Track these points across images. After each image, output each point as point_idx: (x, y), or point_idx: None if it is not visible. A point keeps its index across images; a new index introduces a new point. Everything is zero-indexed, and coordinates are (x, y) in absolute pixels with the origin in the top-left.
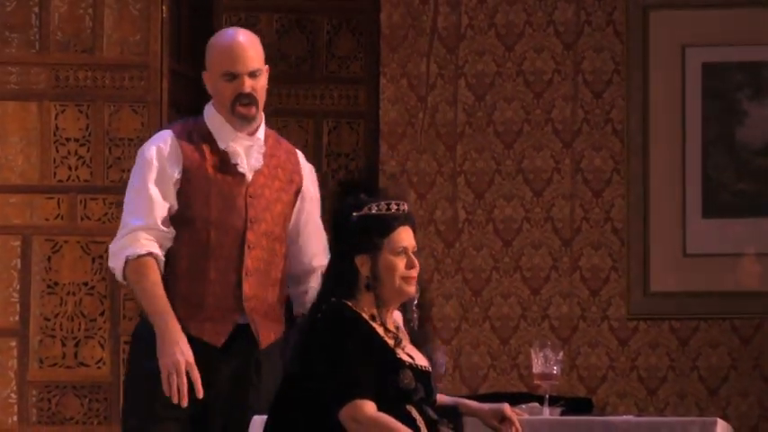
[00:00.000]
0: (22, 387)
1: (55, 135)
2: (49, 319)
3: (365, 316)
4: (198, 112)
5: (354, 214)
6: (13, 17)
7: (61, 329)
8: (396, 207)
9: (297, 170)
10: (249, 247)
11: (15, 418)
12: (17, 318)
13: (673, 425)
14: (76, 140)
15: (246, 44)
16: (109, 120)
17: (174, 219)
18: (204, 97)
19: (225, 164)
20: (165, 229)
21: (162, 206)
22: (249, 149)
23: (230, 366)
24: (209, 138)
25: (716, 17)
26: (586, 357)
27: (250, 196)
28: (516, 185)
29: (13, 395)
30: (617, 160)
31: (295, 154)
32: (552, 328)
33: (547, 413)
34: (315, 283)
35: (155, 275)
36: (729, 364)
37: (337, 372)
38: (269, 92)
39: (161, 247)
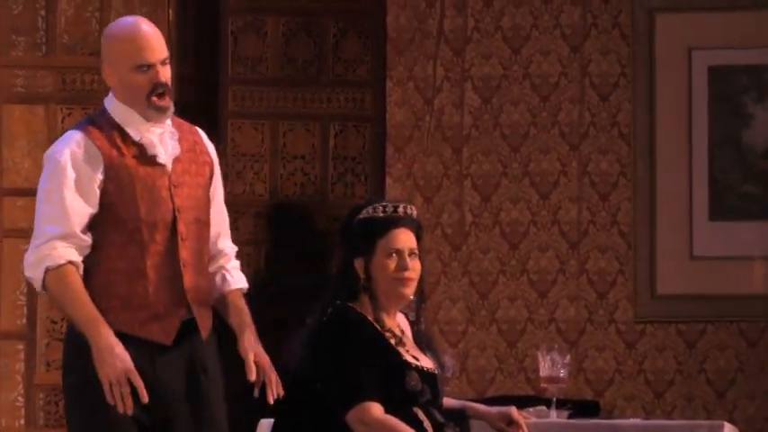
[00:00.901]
0: (29, 390)
1: None
2: (55, 323)
3: (370, 318)
4: (205, 112)
5: (355, 218)
6: (20, 20)
7: None
8: (392, 209)
9: (205, 150)
10: (182, 238)
11: (23, 422)
12: (24, 321)
13: (680, 428)
14: None
15: (153, 32)
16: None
17: (99, 222)
18: (211, 98)
19: (143, 157)
20: (83, 237)
21: (80, 213)
22: (162, 137)
23: (180, 361)
24: (121, 132)
25: (722, 20)
26: (593, 360)
27: (174, 185)
28: (523, 188)
29: (20, 398)
30: (623, 163)
31: (198, 133)
32: (559, 332)
33: (554, 416)
34: (222, 265)
35: (78, 283)
36: (737, 367)
37: (343, 374)
38: (275, 95)
39: (80, 255)
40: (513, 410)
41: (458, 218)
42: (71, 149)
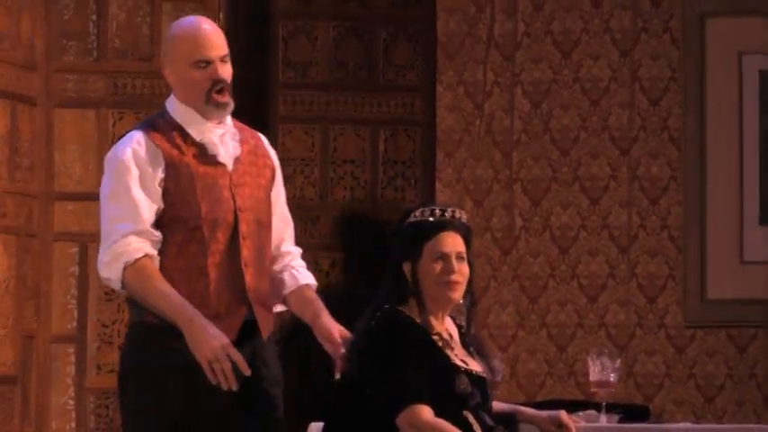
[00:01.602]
0: (79, 394)
1: (112, 142)
2: (106, 326)
3: (418, 321)
4: (256, 117)
5: (405, 222)
6: (71, 25)
7: (119, 336)
8: (440, 213)
9: (266, 154)
10: (243, 237)
11: (73, 425)
12: (75, 324)
13: None
14: None
15: (213, 30)
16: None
17: (159, 221)
18: (262, 102)
19: (204, 156)
20: (155, 232)
21: (149, 210)
22: (223, 138)
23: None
24: (181, 132)
25: None
26: (643, 365)
27: (235, 185)
28: (573, 193)
29: (71, 402)
30: (674, 168)
31: (260, 138)
32: (609, 336)
33: (604, 421)
34: (288, 263)
35: (157, 274)
36: None
37: (392, 378)
38: (326, 99)
39: (154, 249)
40: (563, 414)
41: (508, 222)
42: (133, 148)
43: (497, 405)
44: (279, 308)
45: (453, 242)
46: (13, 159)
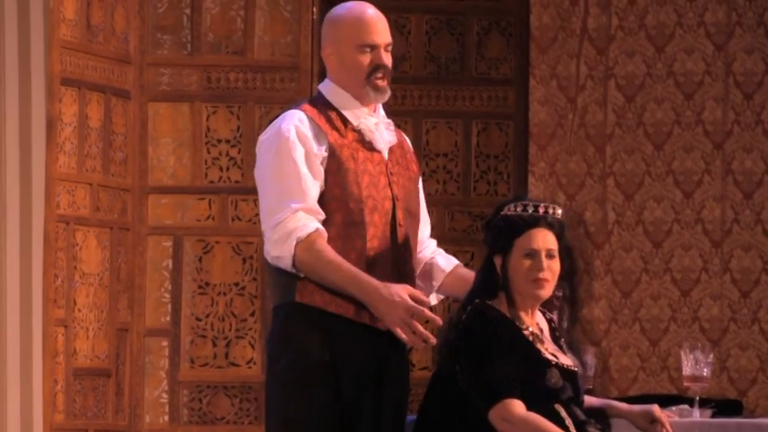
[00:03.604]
0: (173, 387)
1: (206, 136)
2: (200, 320)
3: (508, 316)
4: None
5: (498, 215)
6: (165, 19)
7: (212, 329)
8: (532, 209)
9: (409, 148)
10: (399, 224)
11: (167, 418)
12: (168, 318)
13: None
14: (228, 142)
15: (379, 17)
16: (260, 121)
17: (321, 200)
18: None
19: (362, 141)
20: (320, 211)
21: (315, 187)
22: (377, 126)
23: (388, 345)
24: (339, 114)
25: None
26: (737, 359)
27: (390, 173)
28: (666, 187)
29: (164, 395)
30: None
31: (402, 133)
32: (702, 330)
33: (697, 415)
34: (435, 249)
35: (329, 248)
36: None
37: (484, 372)
38: (418, 93)
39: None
40: (656, 408)
41: (601, 216)
42: (295, 125)
43: (589, 400)
44: (433, 299)
45: (544, 239)
46: (107, 153)
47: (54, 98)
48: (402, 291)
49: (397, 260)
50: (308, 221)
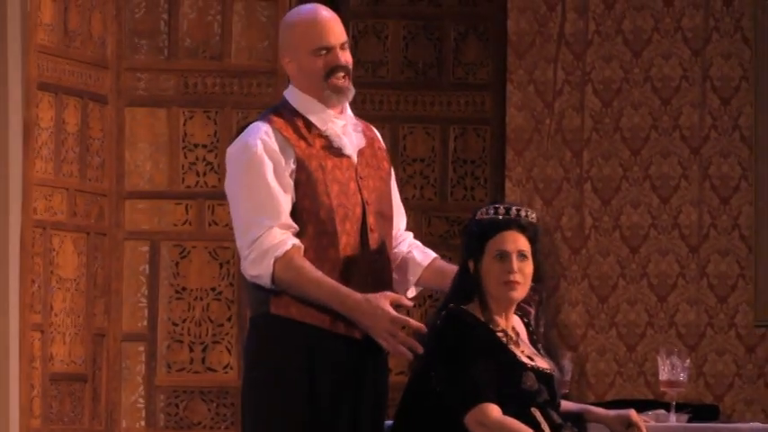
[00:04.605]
0: (150, 392)
1: (183, 141)
2: (176, 324)
3: (482, 320)
4: None
5: (472, 220)
6: (142, 24)
7: (189, 334)
8: (504, 211)
9: (381, 146)
10: (371, 230)
11: (143, 423)
12: (145, 323)
13: None
14: (205, 146)
15: (332, 17)
16: (237, 126)
17: (292, 213)
18: None
19: (330, 148)
20: (293, 224)
21: (287, 201)
22: (345, 129)
23: (370, 353)
24: (305, 121)
25: None
26: (713, 364)
27: (360, 178)
28: (643, 192)
29: (141, 400)
30: (745, 167)
31: (373, 130)
32: (679, 335)
33: (673, 420)
34: (412, 242)
35: (308, 263)
36: None
37: (460, 377)
38: (396, 98)
39: None
40: (633, 413)
41: (578, 221)
42: (262, 139)
43: (566, 404)
44: (411, 293)
45: (515, 241)
46: (84, 158)
47: (31, 103)
48: (383, 301)
49: (372, 266)
50: (284, 237)
